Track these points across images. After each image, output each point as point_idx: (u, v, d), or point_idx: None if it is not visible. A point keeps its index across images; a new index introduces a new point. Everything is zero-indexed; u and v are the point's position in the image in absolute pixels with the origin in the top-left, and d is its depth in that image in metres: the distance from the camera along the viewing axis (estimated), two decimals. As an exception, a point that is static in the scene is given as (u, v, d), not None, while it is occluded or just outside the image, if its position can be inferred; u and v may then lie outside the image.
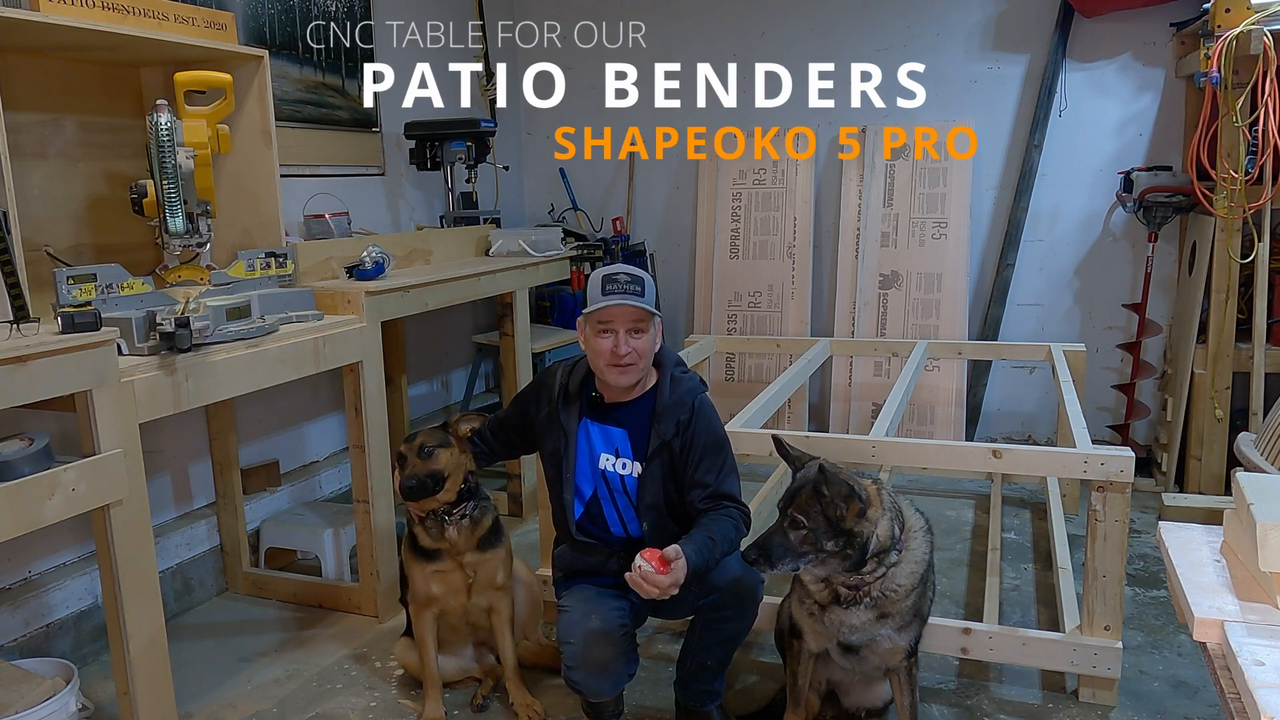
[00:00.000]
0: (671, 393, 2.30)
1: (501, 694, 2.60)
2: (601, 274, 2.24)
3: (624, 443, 2.32)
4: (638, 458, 2.31)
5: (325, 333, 2.73)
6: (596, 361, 2.26)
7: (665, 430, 2.27)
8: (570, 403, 2.34)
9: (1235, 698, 1.18)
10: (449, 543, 2.45)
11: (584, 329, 2.28)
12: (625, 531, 2.34)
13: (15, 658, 2.47)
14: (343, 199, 3.85)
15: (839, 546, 1.97)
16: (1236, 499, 1.46)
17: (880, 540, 2.01)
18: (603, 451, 2.33)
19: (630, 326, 2.20)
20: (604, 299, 2.20)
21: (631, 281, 2.21)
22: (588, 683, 2.20)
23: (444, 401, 4.73)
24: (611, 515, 2.34)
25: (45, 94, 2.69)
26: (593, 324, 2.23)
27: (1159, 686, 2.58)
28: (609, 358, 2.21)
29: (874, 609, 2.07)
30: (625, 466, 2.32)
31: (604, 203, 5.18)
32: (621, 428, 2.32)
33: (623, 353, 2.20)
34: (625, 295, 2.19)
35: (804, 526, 1.97)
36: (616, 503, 2.33)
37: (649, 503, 2.29)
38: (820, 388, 4.81)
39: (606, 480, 2.33)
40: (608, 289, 2.20)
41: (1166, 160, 4.19)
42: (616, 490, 2.33)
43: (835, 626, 2.10)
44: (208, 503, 3.33)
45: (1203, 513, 2.65)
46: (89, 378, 2.02)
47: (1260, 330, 3.71)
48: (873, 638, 2.10)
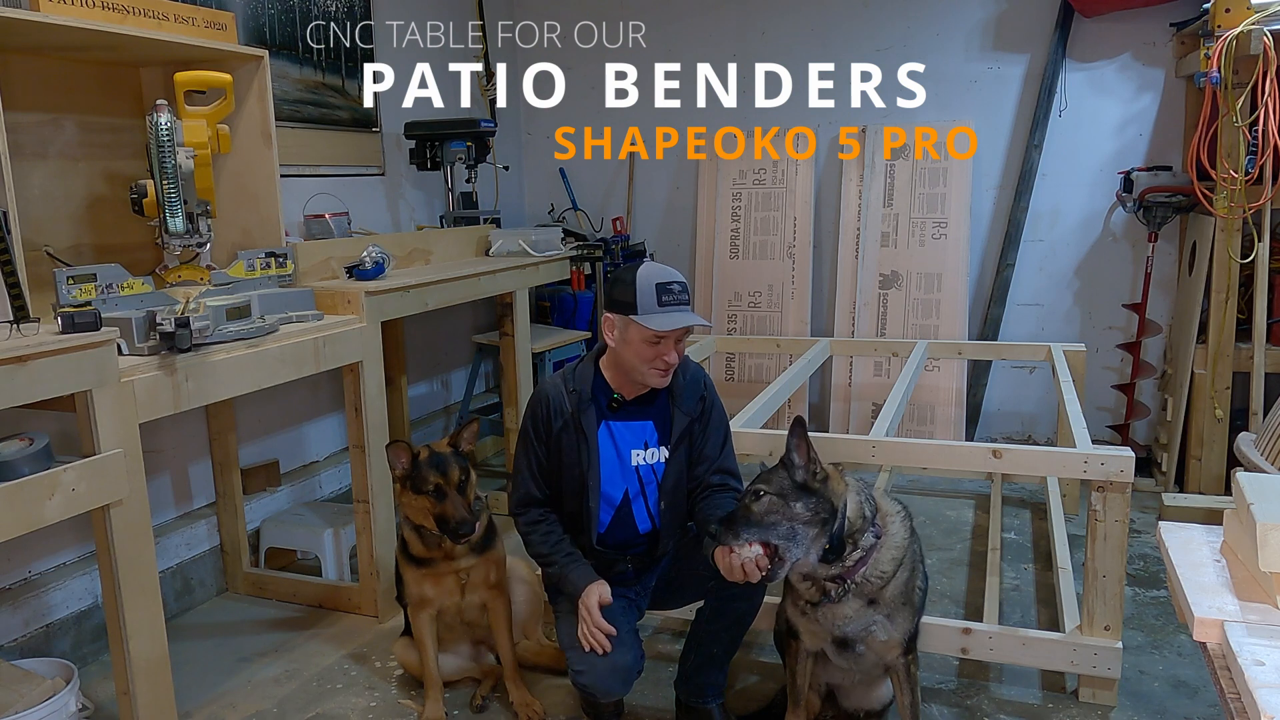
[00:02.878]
0: (683, 375, 2.32)
1: (501, 693, 2.60)
2: (654, 281, 2.16)
3: (650, 433, 2.32)
4: (663, 443, 2.31)
5: (325, 333, 2.73)
6: (637, 365, 2.21)
7: (690, 409, 2.30)
8: (586, 409, 2.28)
9: (1235, 698, 1.18)
10: (443, 551, 2.45)
11: (626, 330, 2.19)
12: (651, 524, 2.34)
13: (15, 658, 2.47)
14: (343, 199, 3.85)
15: (809, 509, 1.95)
16: (1236, 499, 1.46)
17: (852, 520, 2.01)
18: (633, 448, 2.31)
19: (681, 336, 2.20)
20: (663, 312, 2.14)
21: (683, 290, 2.19)
22: (599, 684, 2.17)
23: (444, 401, 4.73)
24: (640, 512, 2.33)
25: (45, 94, 2.69)
26: (645, 332, 2.16)
27: (1159, 686, 2.58)
28: (657, 363, 2.19)
29: (861, 596, 2.06)
30: (654, 455, 2.32)
31: (604, 203, 5.18)
32: (646, 420, 2.32)
33: (673, 362, 2.20)
34: (685, 310, 2.18)
35: (766, 493, 1.96)
36: (646, 495, 2.33)
37: (671, 485, 2.30)
38: (820, 388, 4.81)
39: (639, 476, 2.32)
40: (665, 300, 2.15)
41: (1166, 160, 4.19)
42: (648, 482, 2.32)
43: (829, 621, 2.10)
44: (208, 503, 3.33)
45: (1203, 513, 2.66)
46: (89, 378, 2.02)
47: (1260, 330, 3.71)
48: (866, 629, 2.09)
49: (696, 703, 2.36)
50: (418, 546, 2.46)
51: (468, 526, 2.36)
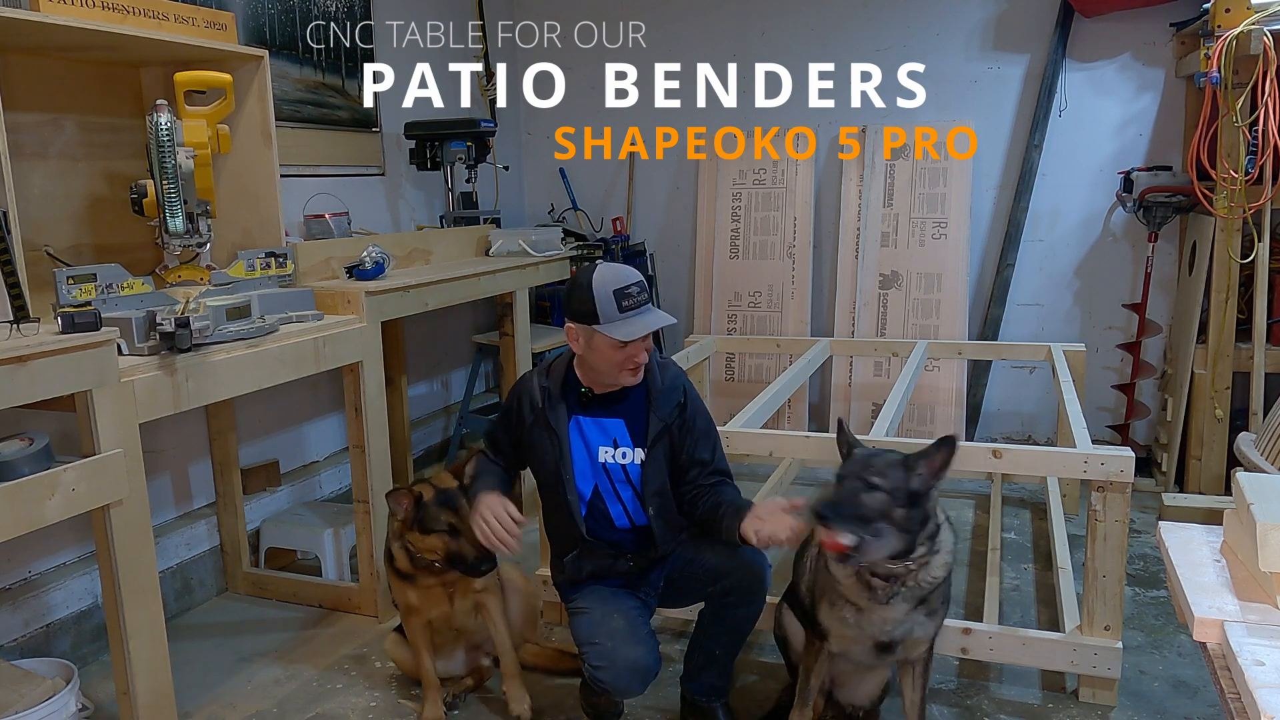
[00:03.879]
0: (662, 378, 2.30)
1: (484, 695, 2.60)
2: (611, 288, 2.12)
3: (621, 432, 2.30)
4: (638, 444, 2.29)
5: (325, 333, 2.73)
6: (606, 367, 2.20)
7: (666, 414, 2.27)
8: (555, 405, 2.29)
9: (1235, 698, 1.18)
10: (433, 572, 2.43)
11: (591, 339, 2.17)
12: (630, 522, 2.33)
13: (15, 658, 2.47)
14: (343, 199, 3.85)
15: (905, 517, 1.92)
16: (1236, 499, 1.46)
17: (933, 522, 2.00)
18: (600, 445, 2.30)
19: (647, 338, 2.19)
20: (625, 318, 2.12)
21: (642, 290, 2.16)
22: (618, 682, 2.15)
23: (444, 401, 4.73)
24: (615, 509, 2.32)
25: (45, 94, 2.69)
26: (609, 339, 2.14)
27: (1159, 686, 2.58)
28: (627, 363, 2.18)
29: (910, 599, 2.04)
30: (626, 455, 2.30)
31: (604, 203, 5.18)
32: (617, 418, 2.30)
33: (643, 360, 2.19)
34: (647, 311, 2.16)
35: (880, 489, 1.91)
36: (620, 494, 2.31)
37: (654, 489, 2.28)
38: (820, 388, 4.81)
39: (608, 473, 2.31)
40: (625, 305, 2.12)
41: (1166, 160, 4.19)
42: (619, 481, 2.31)
43: (875, 626, 2.07)
44: (208, 503, 3.33)
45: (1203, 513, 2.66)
46: (89, 378, 2.02)
47: (1260, 330, 3.71)
48: (910, 631, 2.08)
49: (702, 701, 2.36)
50: (405, 564, 2.44)
51: (489, 564, 2.35)
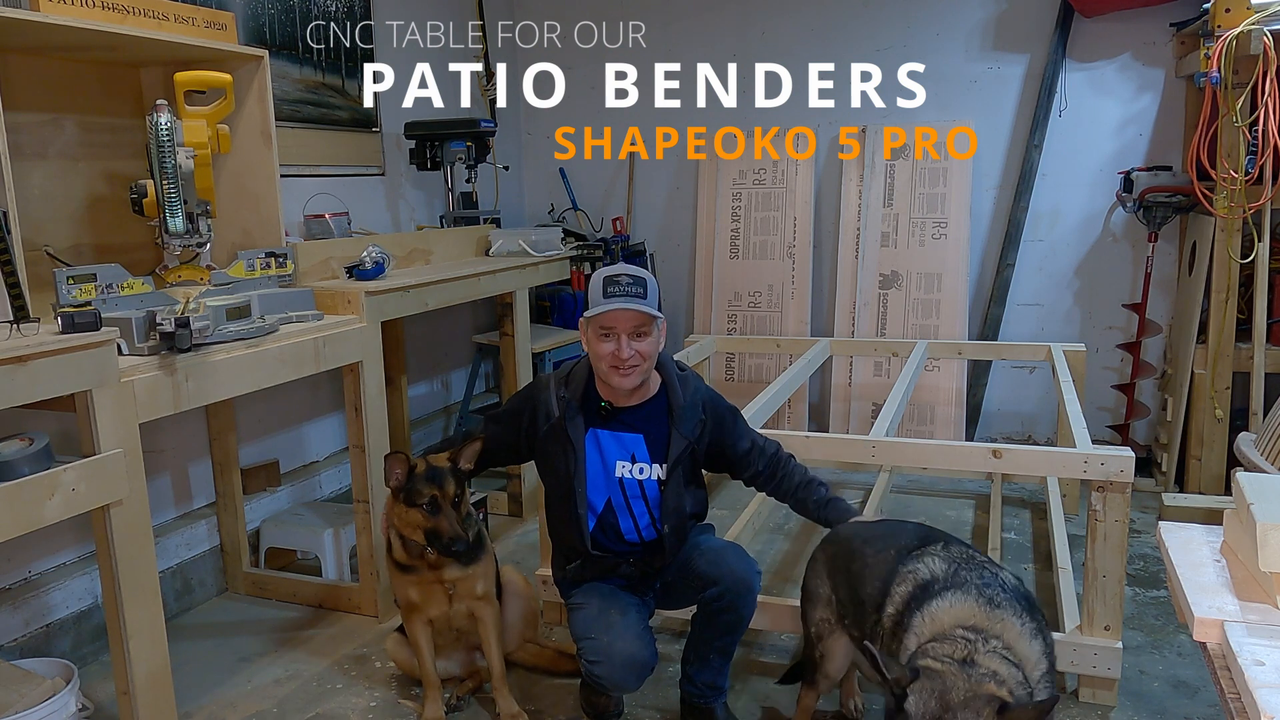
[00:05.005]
0: (684, 394, 2.29)
1: (481, 697, 2.60)
2: (603, 275, 2.19)
3: (640, 448, 2.29)
4: (656, 460, 2.28)
5: (325, 333, 2.73)
6: (598, 364, 2.22)
7: (689, 431, 2.27)
8: (574, 416, 2.28)
9: (1235, 698, 1.18)
10: (427, 561, 2.43)
11: (586, 331, 2.23)
12: (640, 537, 2.32)
13: (15, 658, 2.47)
14: (343, 199, 3.85)
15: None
16: (1236, 499, 1.46)
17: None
18: (618, 459, 2.29)
19: (633, 330, 2.16)
20: (606, 302, 2.15)
21: (633, 283, 2.17)
22: (613, 676, 2.16)
23: (444, 401, 4.73)
24: (627, 524, 2.31)
25: (45, 94, 2.69)
26: (595, 327, 2.18)
27: (1159, 686, 2.58)
28: (611, 360, 2.18)
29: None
30: (644, 471, 2.29)
31: (604, 203, 5.18)
32: (636, 433, 2.29)
33: (625, 356, 2.16)
34: (628, 299, 2.15)
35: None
36: (633, 509, 2.30)
37: (672, 507, 2.28)
38: (820, 388, 4.81)
39: (623, 487, 2.29)
40: (609, 291, 2.16)
41: (1166, 160, 4.19)
42: (634, 496, 2.30)
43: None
44: (208, 503, 3.33)
45: (1203, 513, 2.66)
46: (89, 378, 2.02)
47: (1260, 330, 3.71)
48: None
49: (701, 701, 2.37)
50: (400, 553, 2.44)
51: (460, 543, 2.33)
